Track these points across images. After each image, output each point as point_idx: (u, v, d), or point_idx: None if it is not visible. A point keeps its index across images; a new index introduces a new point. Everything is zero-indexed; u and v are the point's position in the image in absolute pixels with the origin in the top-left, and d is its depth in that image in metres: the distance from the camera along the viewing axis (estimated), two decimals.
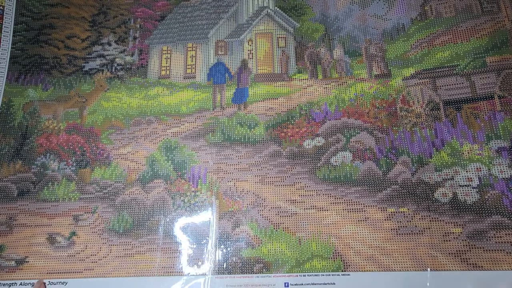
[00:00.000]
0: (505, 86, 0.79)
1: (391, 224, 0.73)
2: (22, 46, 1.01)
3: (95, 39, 1.01)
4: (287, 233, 0.76)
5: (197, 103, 0.92)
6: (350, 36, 0.93)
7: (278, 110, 0.88)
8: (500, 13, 0.85)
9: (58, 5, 1.05)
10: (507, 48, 0.82)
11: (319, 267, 0.72)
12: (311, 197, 0.78)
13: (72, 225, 0.82)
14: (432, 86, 0.83)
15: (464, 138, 0.77)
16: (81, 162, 0.88)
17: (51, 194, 0.85)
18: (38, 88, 0.97)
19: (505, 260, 0.67)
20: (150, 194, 0.83)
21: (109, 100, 0.95)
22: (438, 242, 0.70)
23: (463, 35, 0.85)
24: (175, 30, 1.01)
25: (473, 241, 0.69)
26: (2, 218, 0.83)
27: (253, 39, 0.97)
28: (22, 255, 0.80)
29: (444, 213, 0.72)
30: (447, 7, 0.89)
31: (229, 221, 0.78)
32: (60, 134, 0.91)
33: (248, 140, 0.86)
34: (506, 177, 0.72)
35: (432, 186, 0.75)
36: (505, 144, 0.75)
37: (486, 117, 0.78)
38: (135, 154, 0.88)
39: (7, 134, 0.91)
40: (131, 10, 1.03)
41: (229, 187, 0.81)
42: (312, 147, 0.83)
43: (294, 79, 0.91)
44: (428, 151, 0.78)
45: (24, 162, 0.88)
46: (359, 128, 0.83)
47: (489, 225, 0.70)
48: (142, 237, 0.79)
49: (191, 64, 0.97)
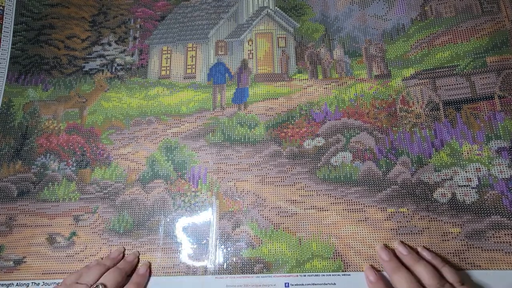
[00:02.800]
0: (505, 86, 0.80)
1: (390, 224, 0.74)
2: (22, 46, 1.01)
3: (95, 39, 1.01)
4: (287, 233, 0.76)
5: (197, 103, 0.92)
6: (350, 36, 0.93)
7: (278, 110, 0.88)
8: (500, 13, 0.86)
9: (58, 5, 1.05)
10: (507, 48, 0.83)
11: (319, 267, 0.73)
12: (311, 197, 0.79)
13: (72, 225, 0.82)
14: (432, 86, 0.84)
15: (463, 138, 0.78)
16: (81, 162, 0.88)
17: (51, 194, 0.86)
18: (38, 88, 0.97)
19: (504, 260, 0.68)
20: (150, 194, 0.83)
21: (109, 100, 0.95)
22: (436, 241, 0.71)
23: (463, 35, 0.86)
24: (175, 30, 1.01)
25: (471, 240, 0.70)
26: (2, 219, 0.84)
27: (253, 39, 0.98)
28: (20, 255, 0.80)
29: (442, 213, 0.73)
30: (447, 7, 0.89)
31: (229, 221, 0.79)
32: (60, 134, 0.92)
33: (248, 140, 0.86)
34: (506, 177, 0.73)
35: (431, 186, 0.75)
36: (505, 144, 0.75)
37: (486, 117, 0.78)
38: (135, 154, 0.88)
39: (7, 134, 0.92)
40: (131, 10, 1.04)
41: (229, 187, 0.82)
42: (312, 147, 0.83)
43: (294, 79, 0.92)
44: (427, 151, 0.78)
45: (24, 162, 0.89)
46: (359, 129, 0.83)
47: (488, 225, 0.71)
48: (142, 237, 0.79)
49: (191, 64, 0.98)
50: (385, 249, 0.70)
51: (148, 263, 0.76)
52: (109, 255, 0.77)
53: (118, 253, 0.77)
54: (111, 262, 0.75)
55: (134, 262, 0.76)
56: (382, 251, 0.69)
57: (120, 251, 0.78)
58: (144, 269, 0.75)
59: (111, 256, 0.76)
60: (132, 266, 0.75)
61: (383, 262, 0.69)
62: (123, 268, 0.73)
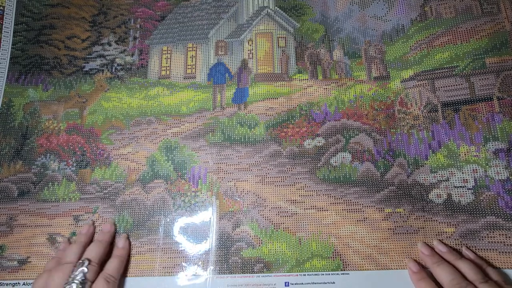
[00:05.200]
0: (504, 88, 0.81)
1: (388, 224, 0.77)
2: (23, 47, 1.03)
3: (95, 39, 1.03)
4: (287, 233, 0.78)
5: (197, 103, 0.94)
6: (350, 37, 0.95)
7: (278, 110, 0.90)
8: (500, 14, 0.88)
9: (58, 5, 1.07)
10: (507, 50, 0.84)
11: (319, 267, 0.75)
12: (311, 197, 0.81)
13: (72, 225, 0.84)
14: (431, 87, 0.86)
15: (461, 139, 0.80)
16: (81, 162, 0.90)
17: (52, 194, 0.87)
18: (38, 89, 0.99)
19: (498, 259, 0.71)
20: (151, 194, 0.85)
21: (109, 100, 0.97)
22: (431, 241, 0.74)
23: (463, 36, 0.88)
24: (175, 30, 1.03)
25: (465, 240, 0.73)
26: (2, 219, 0.86)
27: (253, 39, 0.99)
28: (24, 255, 0.82)
29: (438, 214, 0.76)
30: (447, 7, 0.91)
31: (229, 221, 0.81)
32: (60, 134, 0.93)
33: (248, 140, 0.88)
34: (503, 178, 0.75)
35: (426, 187, 0.78)
36: (502, 145, 0.77)
37: (484, 119, 0.80)
38: (135, 155, 0.90)
39: (7, 134, 0.94)
40: (131, 10, 1.05)
41: (229, 187, 0.84)
42: (313, 147, 0.85)
43: (294, 79, 0.93)
44: (424, 153, 0.81)
45: (24, 162, 0.91)
46: (358, 130, 0.85)
47: (483, 226, 0.73)
48: (142, 237, 0.81)
49: (191, 64, 0.99)
50: (426, 244, 0.73)
51: (125, 235, 0.79)
52: (80, 231, 0.80)
53: (88, 227, 0.80)
54: (85, 237, 0.77)
55: (111, 231, 0.79)
56: (423, 246, 0.72)
57: (89, 224, 0.81)
58: (123, 241, 0.77)
59: (82, 231, 0.79)
60: (110, 235, 0.78)
61: (424, 256, 0.71)
62: (102, 240, 0.76)
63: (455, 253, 0.70)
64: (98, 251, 0.72)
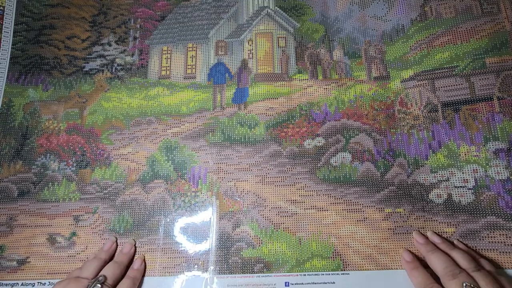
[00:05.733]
0: (504, 88, 0.82)
1: (388, 224, 0.77)
2: (23, 47, 1.03)
3: (95, 40, 1.03)
4: (287, 233, 0.79)
5: (197, 103, 0.94)
6: (350, 37, 0.95)
7: (278, 110, 0.90)
8: (500, 14, 0.88)
9: (58, 5, 1.07)
10: (507, 50, 0.85)
11: (319, 267, 0.75)
12: (311, 197, 0.82)
13: (72, 225, 0.84)
14: (431, 87, 0.86)
15: (461, 139, 0.80)
16: (81, 162, 0.90)
17: (52, 194, 0.88)
18: (38, 89, 0.99)
19: (498, 259, 0.71)
20: (151, 195, 0.85)
21: (109, 101, 0.97)
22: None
23: (463, 36, 0.88)
24: (175, 30, 1.03)
25: (465, 240, 0.73)
26: (2, 219, 0.86)
27: (253, 39, 0.99)
28: (23, 255, 0.83)
29: (438, 214, 0.76)
30: (447, 7, 0.91)
31: (229, 221, 0.81)
32: (60, 134, 0.94)
33: (248, 140, 0.88)
34: (503, 178, 0.76)
35: (427, 187, 0.78)
36: (503, 145, 0.78)
37: (485, 119, 0.81)
38: (136, 155, 0.90)
39: (7, 134, 0.94)
40: (131, 10, 1.06)
41: (230, 187, 0.84)
42: (313, 147, 0.85)
43: (294, 79, 0.94)
44: (424, 153, 0.81)
45: (24, 162, 0.91)
46: (358, 130, 0.86)
47: (483, 226, 0.74)
48: (142, 237, 0.81)
49: (192, 64, 1.00)
50: (421, 233, 0.74)
51: (142, 256, 0.79)
52: (102, 247, 0.80)
53: (111, 243, 0.80)
54: (106, 254, 0.78)
55: (131, 253, 0.79)
56: (418, 235, 0.74)
57: (112, 241, 0.81)
58: (138, 263, 0.78)
59: (105, 248, 0.79)
60: (129, 257, 0.79)
61: (419, 245, 0.72)
62: (120, 261, 0.76)
63: (449, 243, 0.72)
64: (114, 272, 0.73)
